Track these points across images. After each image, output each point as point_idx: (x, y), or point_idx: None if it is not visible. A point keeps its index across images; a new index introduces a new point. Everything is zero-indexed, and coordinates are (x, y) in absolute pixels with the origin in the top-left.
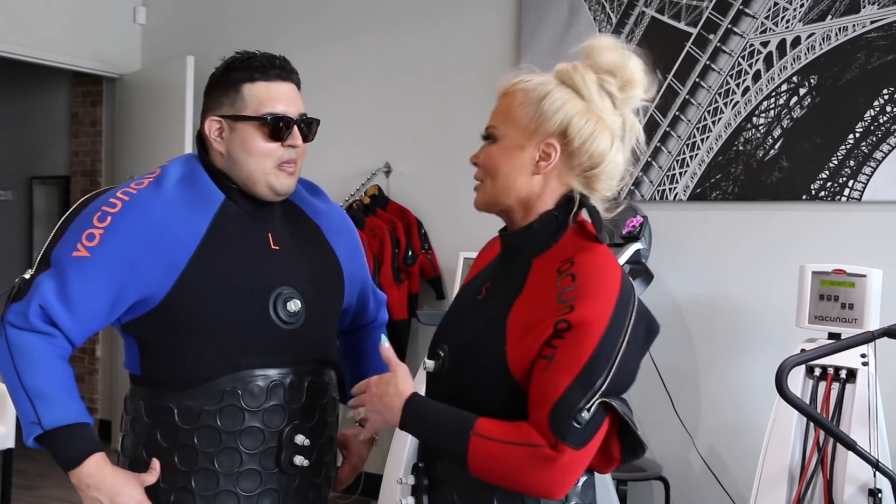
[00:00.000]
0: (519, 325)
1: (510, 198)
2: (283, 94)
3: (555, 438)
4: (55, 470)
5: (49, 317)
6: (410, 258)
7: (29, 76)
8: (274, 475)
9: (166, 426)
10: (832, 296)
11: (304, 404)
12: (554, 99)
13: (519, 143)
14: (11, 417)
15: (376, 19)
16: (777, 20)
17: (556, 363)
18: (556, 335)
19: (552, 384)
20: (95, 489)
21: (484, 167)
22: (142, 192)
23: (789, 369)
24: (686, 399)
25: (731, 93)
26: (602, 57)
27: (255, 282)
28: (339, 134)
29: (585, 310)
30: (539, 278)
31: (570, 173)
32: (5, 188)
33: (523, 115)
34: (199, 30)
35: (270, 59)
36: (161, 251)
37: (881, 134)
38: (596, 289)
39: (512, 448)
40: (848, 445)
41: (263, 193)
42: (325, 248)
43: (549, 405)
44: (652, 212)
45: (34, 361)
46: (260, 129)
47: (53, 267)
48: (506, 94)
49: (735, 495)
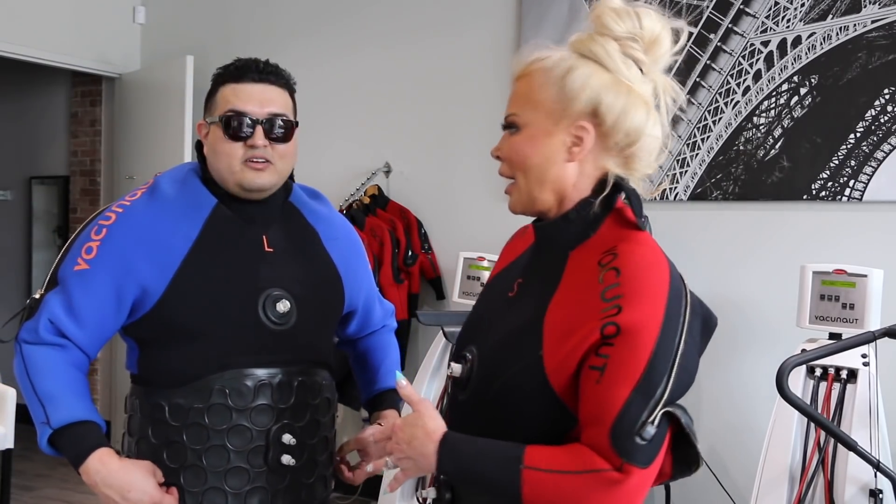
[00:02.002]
0: (557, 327)
1: (546, 191)
2: (251, 95)
3: (619, 460)
4: (55, 470)
5: (59, 330)
6: (410, 258)
7: (28, 76)
8: (262, 473)
9: (158, 424)
10: (833, 296)
11: (294, 404)
12: (578, 75)
13: (546, 129)
14: (11, 418)
15: (377, 20)
16: (778, 19)
17: (609, 374)
18: (604, 342)
19: (609, 398)
20: (105, 486)
21: (510, 161)
22: (135, 203)
23: (790, 369)
24: (686, 399)
25: (732, 92)
26: (617, 24)
27: (246, 283)
28: (339, 134)
29: (635, 310)
30: (578, 273)
31: (606, 155)
32: (4, 188)
33: (546, 98)
34: (199, 30)
35: (249, 63)
36: (154, 256)
37: (882, 134)
38: (644, 284)
39: (571, 478)
40: (849, 446)
41: (236, 192)
42: (321, 251)
43: (609, 422)
44: (652, 212)
45: (45, 368)
46: (221, 129)
47: (60, 284)
48: (522, 76)
49: (735, 496)
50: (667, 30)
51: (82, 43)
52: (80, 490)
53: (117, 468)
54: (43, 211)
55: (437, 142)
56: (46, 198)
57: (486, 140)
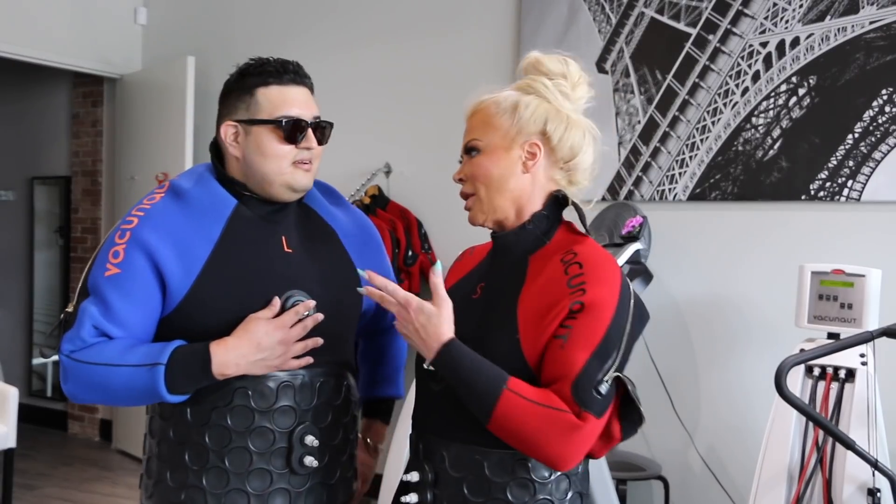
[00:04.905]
0: (529, 311)
1: (506, 200)
2: (297, 98)
3: (578, 407)
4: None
5: (104, 333)
6: (410, 258)
7: (30, 76)
8: (284, 475)
9: (179, 425)
10: (831, 296)
11: (316, 405)
12: (527, 103)
13: (504, 146)
14: (13, 417)
15: (377, 20)
16: (776, 21)
17: (572, 340)
18: (569, 316)
19: (571, 359)
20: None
21: (473, 177)
22: (155, 205)
23: (788, 369)
24: (685, 399)
25: (731, 93)
26: (548, 65)
27: (267, 285)
28: (339, 134)
29: (597, 292)
30: (541, 269)
31: (554, 167)
32: (6, 188)
33: (502, 123)
34: (200, 30)
35: (284, 64)
36: (178, 254)
37: (880, 134)
38: (603, 273)
39: (541, 409)
40: (847, 445)
41: (280, 193)
42: (340, 250)
43: (571, 378)
44: (652, 212)
45: (111, 350)
46: (275, 132)
47: (92, 293)
48: (476, 111)
49: (734, 495)
50: (587, 76)
51: (84, 44)
52: (82, 489)
53: (234, 342)
54: (44, 211)
55: (437, 142)
56: (48, 198)
57: None
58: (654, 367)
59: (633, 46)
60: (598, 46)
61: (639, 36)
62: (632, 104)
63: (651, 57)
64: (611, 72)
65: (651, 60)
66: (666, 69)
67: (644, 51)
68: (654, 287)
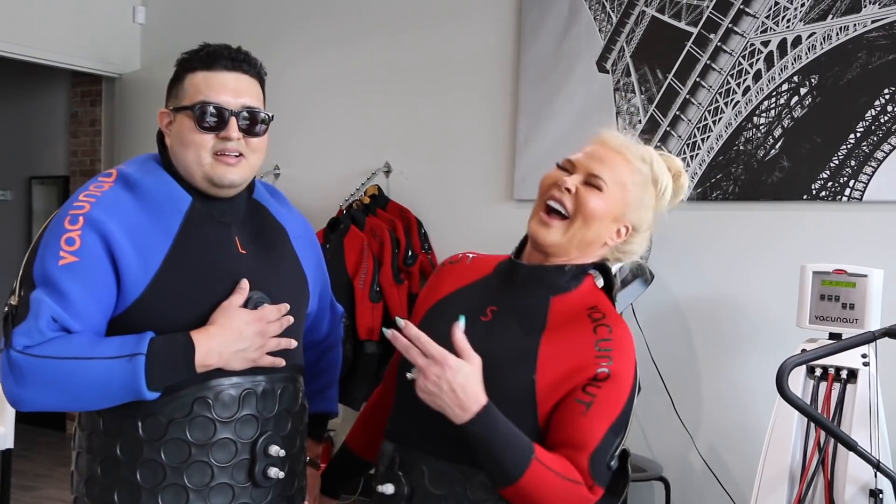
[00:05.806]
0: (550, 357)
1: (583, 247)
2: (224, 84)
3: (592, 481)
4: (55, 470)
5: (63, 327)
6: (410, 258)
7: (28, 76)
8: (246, 489)
9: (128, 440)
10: (833, 296)
11: (278, 413)
12: (649, 195)
13: (617, 214)
14: (11, 418)
15: (377, 20)
16: (778, 19)
17: (595, 409)
18: (594, 382)
19: (591, 429)
20: (227, 350)
21: (582, 207)
22: (105, 193)
23: (790, 369)
24: (686, 399)
25: (732, 92)
26: (673, 163)
27: (225, 286)
28: (339, 134)
29: (622, 364)
30: (564, 316)
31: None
32: (4, 188)
33: (631, 195)
34: (199, 30)
35: (219, 50)
36: (135, 249)
37: (882, 134)
38: (628, 347)
39: (562, 482)
40: (849, 446)
41: (203, 187)
42: (290, 251)
43: (590, 449)
44: None
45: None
46: (192, 119)
47: (43, 284)
48: (617, 152)
49: (736, 496)
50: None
51: (82, 43)
52: None
53: (216, 330)
54: (43, 211)
55: (437, 142)
56: (46, 198)
57: (487, 141)
58: (655, 367)
59: (633, 45)
60: (598, 45)
61: (639, 35)
62: (632, 103)
63: (652, 56)
64: (611, 71)
65: (652, 59)
66: (667, 68)
67: (645, 50)
68: (655, 287)
